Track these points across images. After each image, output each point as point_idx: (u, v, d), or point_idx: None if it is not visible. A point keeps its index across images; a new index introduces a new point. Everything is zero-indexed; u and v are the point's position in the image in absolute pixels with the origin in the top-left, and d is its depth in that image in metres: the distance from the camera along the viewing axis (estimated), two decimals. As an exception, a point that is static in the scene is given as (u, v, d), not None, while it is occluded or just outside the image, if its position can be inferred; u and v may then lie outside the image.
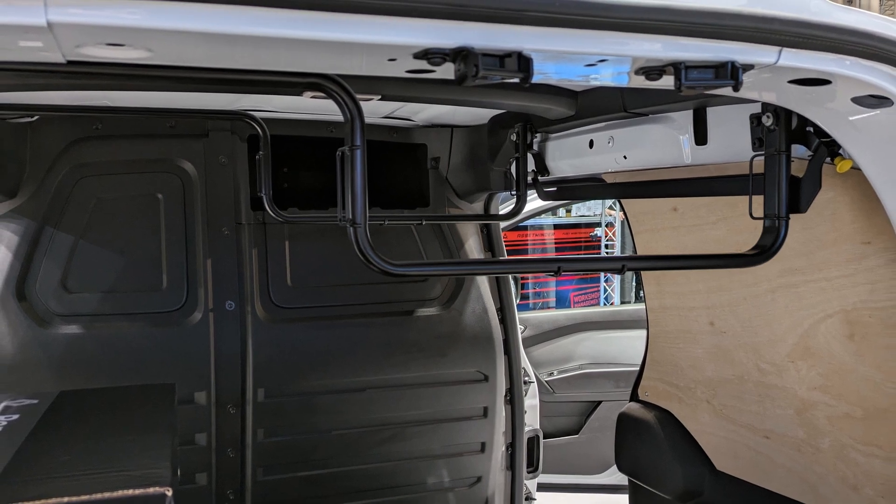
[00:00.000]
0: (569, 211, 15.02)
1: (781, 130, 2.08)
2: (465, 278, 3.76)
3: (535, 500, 4.27)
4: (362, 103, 1.95)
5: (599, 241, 15.37)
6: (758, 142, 2.17)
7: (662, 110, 2.55)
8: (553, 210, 12.28)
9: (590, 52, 1.55)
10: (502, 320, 3.88)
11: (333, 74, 1.90)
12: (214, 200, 3.36)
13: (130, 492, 1.42)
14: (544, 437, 4.24)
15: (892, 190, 1.92)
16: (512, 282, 4.06)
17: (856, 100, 1.78)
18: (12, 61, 1.68)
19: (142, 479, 1.48)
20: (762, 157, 2.14)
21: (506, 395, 3.88)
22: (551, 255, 14.40)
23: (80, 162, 3.19)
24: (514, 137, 3.28)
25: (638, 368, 3.55)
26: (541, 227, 14.76)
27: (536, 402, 4.22)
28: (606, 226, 15.30)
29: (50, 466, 1.57)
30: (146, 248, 3.28)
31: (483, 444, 3.82)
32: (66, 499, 1.39)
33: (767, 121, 2.10)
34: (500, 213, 4.03)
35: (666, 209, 3.04)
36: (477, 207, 3.89)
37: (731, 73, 1.61)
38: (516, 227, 11.23)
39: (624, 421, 3.54)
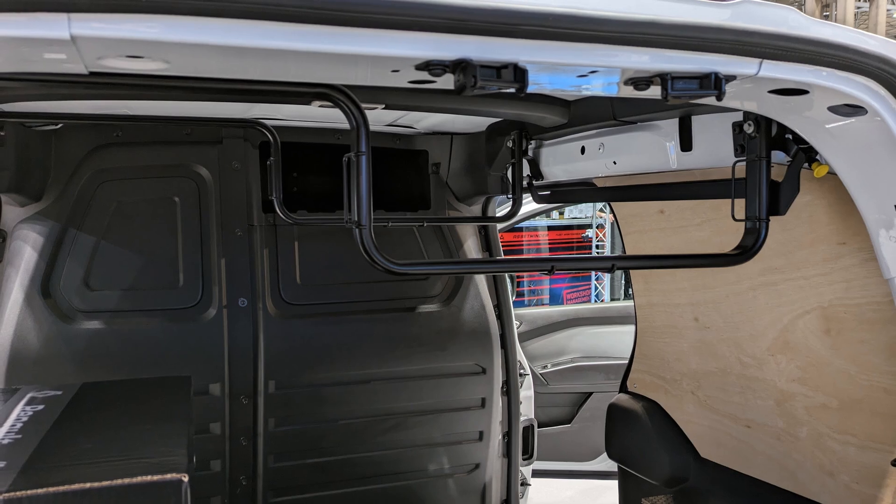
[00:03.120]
0: (562, 213, 15.02)
1: (762, 137, 2.08)
2: (464, 277, 3.76)
3: (530, 485, 4.27)
4: (367, 112, 1.95)
5: (590, 241, 15.35)
6: (740, 148, 2.17)
7: (650, 118, 2.55)
8: (547, 212, 12.27)
9: (581, 63, 1.55)
10: (499, 316, 3.88)
11: (340, 85, 1.90)
12: (228, 203, 3.36)
13: (149, 478, 1.42)
14: (539, 427, 4.24)
15: (865, 194, 1.93)
16: (508, 280, 4.06)
17: (832, 109, 1.78)
18: (38, 72, 1.68)
19: (160, 465, 1.47)
20: (744, 163, 2.14)
21: (502, 387, 3.88)
22: (545, 254, 14.38)
23: (102, 167, 3.19)
24: (510, 144, 3.28)
25: (627, 361, 3.55)
26: (535, 229, 14.74)
27: (531, 393, 4.22)
28: (597, 227, 15.29)
29: (73, 454, 1.57)
30: (164, 249, 3.28)
31: (481, 433, 3.82)
32: (88, 484, 1.39)
33: (749, 128, 2.10)
34: (497, 215, 4.04)
35: (653, 211, 3.04)
36: (475, 210, 3.90)
37: (714, 83, 1.62)
38: (512, 229, 11.22)
39: (614, 411, 3.54)
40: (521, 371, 4.05)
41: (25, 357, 3.00)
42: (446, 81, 1.54)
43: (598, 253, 14.76)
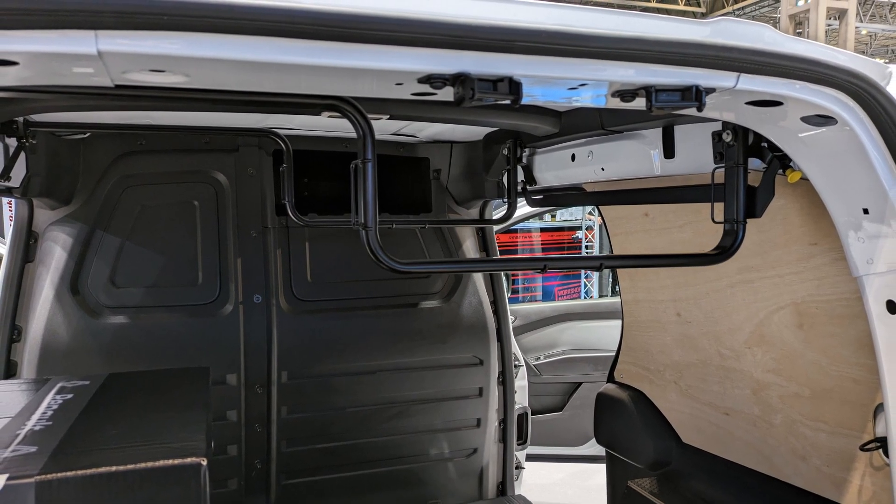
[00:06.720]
0: (553, 216, 14.99)
1: (739, 146, 2.08)
2: (463, 275, 3.76)
3: (524, 468, 4.27)
4: (373, 122, 1.95)
5: (580, 242, 15.33)
6: (719, 155, 2.17)
7: (635, 128, 2.54)
8: (540, 215, 12.25)
9: (572, 77, 1.55)
10: (495, 311, 3.88)
11: (348, 97, 1.90)
12: (244, 207, 3.36)
13: (170, 462, 1.42)
14: (532, 414, 4.24)
15: (835, 198, 1.93)
16: (504, 278, 4.06)
17: (805, 119, 1.78)
18: (67, 85, 1.68)
19: (180, 450, 1.47)
20: (723, 169, 2.14)
21: (498, 377, 3.88)
22: (538, 254, 14.37)
23: (127, 173, 3.19)
24: (505, 152, 3.28)
25: (614, 353, 3.55)
26: (529, 231, 14.72)
27: (525, 383, 4.22)
28: (586, 229, 15.26)
29: (100, 439, 1.57)
30: (184, 249, 3.27)
31: (478, 420, 3.82)
32: (114, 468, 1.39)
33: (727, 137, 2.10)
34: (494, 217, 4.03)
35: (638, 214, 3.04)
36: (473, 213, 3.89)
37: (695, 95, 1.62)
38: (508, 230, 11.20)
39: (602, 399, 3.54)
40: (516, 362, 4.05)
41: (56, 349, 3.00)
42: (446, 93, 1.54)
43: (587, 253, 14.74)
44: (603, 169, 2.79)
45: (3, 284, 3.07)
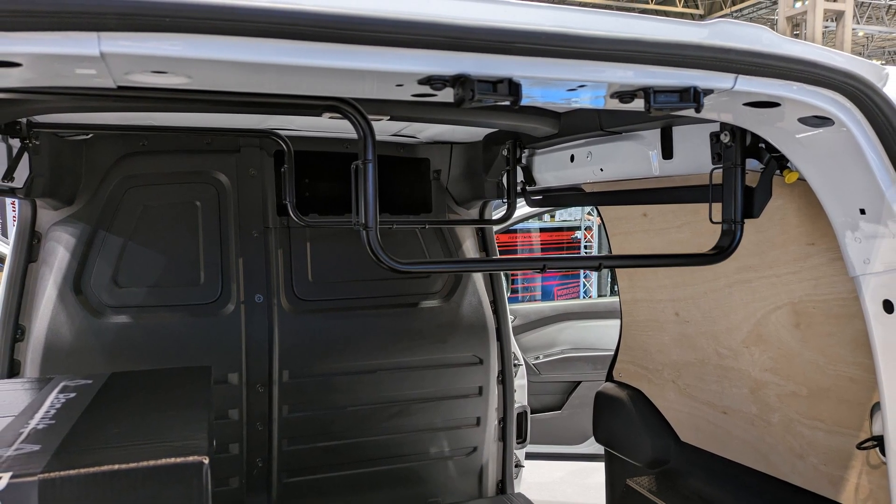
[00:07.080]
0: (553, 216, 14.99)
1: (737, 146, 2.08)
2: (463, 275, 3.76)
3: (523, 467, 4.27)
4: (373, 123, 1.95)
5: (579, 242, 15.32)
6: (716, 156, 2.17)
7: (634, 129, 2.54)
8: (539, 216, 12.24)
9: (571, 78, 1.55)
10: (495, 311, 3.88)
11: (348, 98, 1.90)
12: (245, 207, 3.36)
13: (173, 460, 1.42)
14: (531, 413, 4.24)
15: (832, 198, 1.93)
16: (503, 278, 4.06)
17: (802, 120, 1.78)
18: (70, 86, 1.68)
19: (182, 449, 1.47)
20: (720, 170, 2.14)
21: (498, 376, 3.88)
22: (538, 254, 14.36)
23: (129, 174, 3.19)
24: (505, 153, 3.28)
25: (613, 353, 3.55)
26: (528, 231, 14.71)
27: (524, 382, 4.22)
28: (585, 229, 15.25)
29: (103, 438, 1.57)
30: (186, 249, 3.27)
31: (478, 419, 3.82)
32: (116, 466, 1.39)
33: (725, 138, 2.10)
34: (494, 218, 4.03)
35: (637, 215, 3.04)
36: (473, 213, 3.89)
37: (693, 96, 1.61)
38: (507, 231, 11.20)
39: (601, 398, 3.54)
40: (516, 362, 4.05)
41: (59, 349, 3.00)
42: (446, 95, 1.54)
43: (586, 253, 14.73)
44: (602, 169, 2.79)
45: (6, 284, 3.07)
